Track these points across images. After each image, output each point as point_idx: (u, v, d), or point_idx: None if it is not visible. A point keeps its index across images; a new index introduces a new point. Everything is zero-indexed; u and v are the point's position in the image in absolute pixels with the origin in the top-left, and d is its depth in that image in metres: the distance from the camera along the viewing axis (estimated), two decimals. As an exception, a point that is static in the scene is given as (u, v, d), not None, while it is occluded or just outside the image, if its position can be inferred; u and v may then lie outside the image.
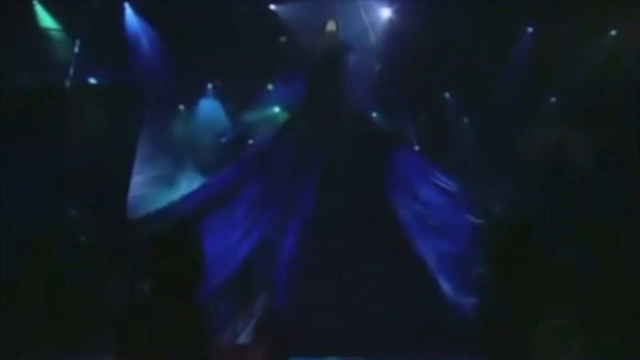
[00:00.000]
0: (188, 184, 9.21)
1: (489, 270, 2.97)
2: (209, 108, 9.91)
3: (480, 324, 2.94)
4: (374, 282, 8.41)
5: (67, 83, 8.67)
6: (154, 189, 8.85)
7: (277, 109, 9.91)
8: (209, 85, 9.96)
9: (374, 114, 9.90)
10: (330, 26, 9.02)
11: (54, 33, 8.97)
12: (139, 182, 8.80)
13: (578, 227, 8.66)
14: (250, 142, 9.86)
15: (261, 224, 8.56)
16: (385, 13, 9.35)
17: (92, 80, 9.10)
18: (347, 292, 8.31)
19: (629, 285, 7.54)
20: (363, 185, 8.97)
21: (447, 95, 9.97)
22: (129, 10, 9.27)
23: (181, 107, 9.95)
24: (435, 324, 8.23)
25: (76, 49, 8.82)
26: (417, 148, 9.82)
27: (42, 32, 8.94)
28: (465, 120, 10.03)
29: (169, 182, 9.16)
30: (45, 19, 8.97)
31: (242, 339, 7.21)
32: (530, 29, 9.32)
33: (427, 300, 8.44)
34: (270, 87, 9.84)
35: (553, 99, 9.59)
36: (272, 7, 9.51)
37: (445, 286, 8.58)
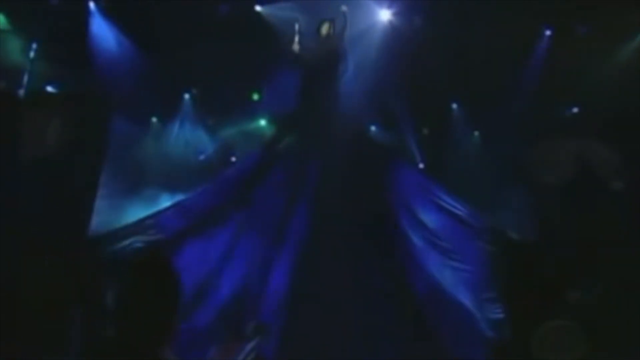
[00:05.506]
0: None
1: (503, 297, 3.20)
2: (186, 121, 9.78)
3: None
4: (377, 315, 8.11)
5: (21, 91, 8.53)
6: (121, 212, 8.55)
7: (263, 122, 9.91)
8: (186, 95, 9.83)
9: (373, 128, 9.80)
10: (325, 29, 8.75)
11: (7, 35, 8.78)
12: (104, 205, 8.50)
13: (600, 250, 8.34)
14: (233, 159, 9.76)
15: (247, 254, 8.21)
16: (386, 15, 9.19)
17: (50, 88, 8.96)
18: (348, 328, 7.94)
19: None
20: (361, 208, 8.64)
21: (454, 106, 9.87)
22: (93, 10, 9.13)
23: (154, 119, 9.79)
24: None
25: (32, 53, 8.67)
26: (421, 165, 9.73)
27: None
28: (475, 134, 9.97)
29: (140, 206, 8.87)
30: (-2, 19, 8.88)
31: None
32: (548, 32, 9.22)
33: (437, 333, 8.15)
34: (255, 96, 9.82)
35: (575, 110, 9.55)
36: (258, 8, 9.36)
37: (455, 317, 8.30)
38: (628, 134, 8.66)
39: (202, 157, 9.74)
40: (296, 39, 8.64)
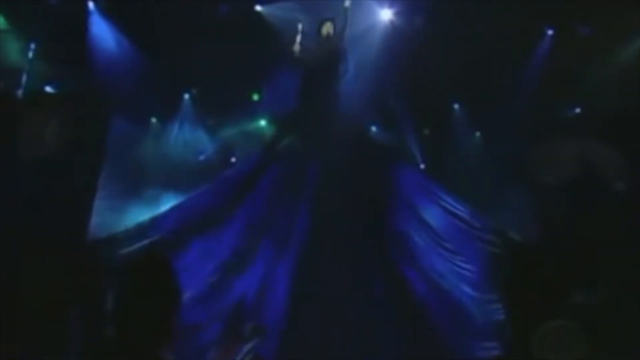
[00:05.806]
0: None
1: (504, 297, 3.09)
2: (186, 121, 9.75)
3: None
4: (377, 315, 8.11)
5: (20, 91, 8.48)
6: (120, 213, 8.52)
7: (263, 122, 9.86)
8: (186, 95, 9.81)
9: (373, 128, 9.76)
10: (326, 29, 8.71)
11: (6, 35, 8.74)
12: (104, 206, 8.45)
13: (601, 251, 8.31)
14: (233, 159, 9.72)
15: (246, 254, 8.16)
16: (387, 15, 9.14)
17: (50, 88, 8.91)
18: (348, 328, 7.93)
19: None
20: (361, 208, 8.64)
21: (455, 106, 9.84)
22: (93, 10, 9.09)
23: (154, 119, 9.77)
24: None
25: (31, 53, 8.62)
26: (422, 166, 9.70)
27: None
28: (476, 134, 9.94)
29: (140, 207, 8.84)
30: (-5, 19, 8.82)
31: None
32: (550, 32, 9.17)
33: (437, 333, 8.14)
34: (255, 96, 9.77)
35: (576, 110, 9.51)
36: (258, 8, 9.31)
37: (456, 317, 8.30)
38: (629, 134, 8.59)
39: (202, 157, 9.70)
40: (298, 39, 8.62)
